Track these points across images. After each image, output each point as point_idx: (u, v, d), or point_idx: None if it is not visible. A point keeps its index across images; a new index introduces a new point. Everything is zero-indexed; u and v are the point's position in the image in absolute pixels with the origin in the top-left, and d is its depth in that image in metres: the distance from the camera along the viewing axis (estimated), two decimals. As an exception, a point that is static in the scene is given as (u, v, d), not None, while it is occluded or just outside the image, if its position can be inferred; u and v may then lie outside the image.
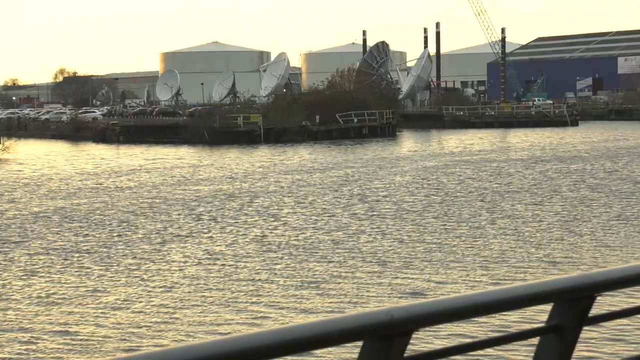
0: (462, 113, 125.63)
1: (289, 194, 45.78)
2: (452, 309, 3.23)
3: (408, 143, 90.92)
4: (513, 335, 3.67)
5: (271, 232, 33.44)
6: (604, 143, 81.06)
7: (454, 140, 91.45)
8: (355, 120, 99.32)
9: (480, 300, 3.31)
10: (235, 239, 32.19)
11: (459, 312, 3.29)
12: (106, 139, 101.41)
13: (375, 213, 38.03)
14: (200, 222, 36.54)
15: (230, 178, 55.20)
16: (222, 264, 27.37)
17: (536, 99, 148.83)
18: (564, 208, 38.04)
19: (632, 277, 3.82)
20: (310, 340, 2.87)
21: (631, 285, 3.87)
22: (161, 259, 28.59)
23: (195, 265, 27.41)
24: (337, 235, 32.23)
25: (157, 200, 44.13)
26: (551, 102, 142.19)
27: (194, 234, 33.39)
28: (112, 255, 29.36)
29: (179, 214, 38.92)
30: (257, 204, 42.10)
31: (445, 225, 34.12)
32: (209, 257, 28.71)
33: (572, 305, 3.55)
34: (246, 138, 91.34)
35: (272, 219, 36.89)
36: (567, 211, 37.04)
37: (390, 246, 29.70)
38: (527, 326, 5.15)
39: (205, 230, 34.23)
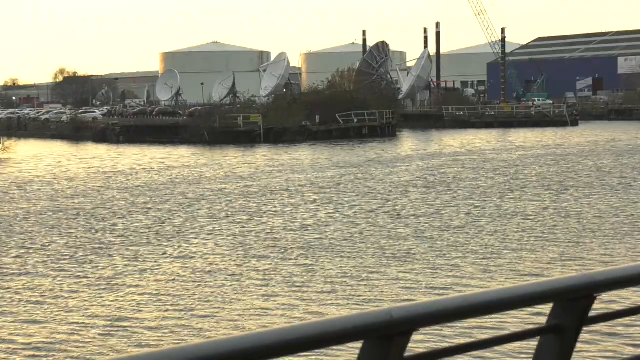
0: (462, 113, 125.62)
1: (289, 194, 45.78)
2: (452, 309, 3.23)
3: (408, 143, 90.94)
4: (513, 335, 3.67)
5: (271, 232, 33.44)
6: (610, 142, 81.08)
7: (454, 140, 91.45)
8: (355, 120, 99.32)
9: (480, 300, 3.31)
10: (235, 238, 32.18)
11: (459, 312, 3.29)
12: (106, 139, 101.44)
13: (375, 212, 38.03)
14: (199, 221, 36.52)
15: (230, 177, 55.20)
16: (221, 263, 27.37)
17: (536, 99, 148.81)
18: (565, 206, 38.04)
19: (632, 277, 3.82)
20: (310, 340, 2.87)
21: (631, 285, 3.87)
22: (159, 258, 28.58)
23: (193, 264, 27.40)
24: (337, 235, 32.22)
25: (157, 199, 44.14)
26: (551, 102, 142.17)
27: (193, 233, 33.38)
28: (113, 254, 29.37)
29: (178, 213, 38.92)
30: (257, 203, 42.10)
31: (444, 224, 34.11)
32: (208, 256, 28.70)
33: (572, 305, 3.54)
34: (246, 138, 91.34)
35: (272, 219, 36.89)
36: (568, 210, 37.04)
37: (390, 246, 29.69)
38: (527, 326, 5.16)
39: (204, 230, 34.22)
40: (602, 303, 3.80)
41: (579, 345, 3.65)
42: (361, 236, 31.97)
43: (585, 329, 3.63)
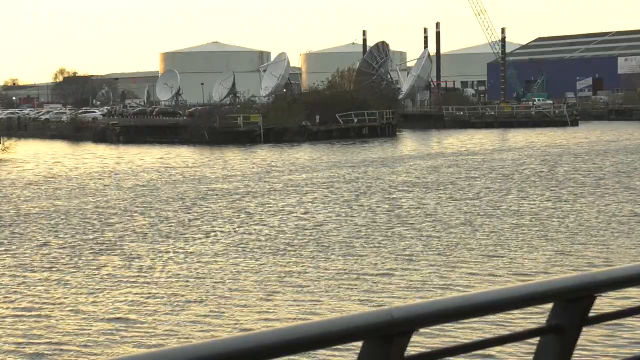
0: (462, 113, 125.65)
1: (288, 193, 45.79)
2: (452, 309, 3.23)
3: (408, 143, 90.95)
4: (513, 335, 3.67)
5: (271, 232, 33.44)
6: (611, 142, 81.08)
7: (454, 140, 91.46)
8: (355, 120, 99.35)
9: (480, 300, 3.31)
10: (235, 238, 32.18)
11: (459, 312, 3.29)
12: (106, 139, 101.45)
13: (374, 212, 38.03)
14: (198, 221, 36.53)
15: (230, 177, 55.21)
16: (221, 263, 27.37)
17: (536, 99, 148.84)
18: (565, 206, 38.04)
19: (632, 277, 3.81)
20: (310, 340, 2.87)
21: (631, 285, 3.87)
22: (159, 258, 28.58)
23: (193, 264, 27.40)
24: (336, 235, 32.22)
25: (157, 199, 44.15)
26: (551, 102, 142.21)
27: (193, 233, 33.38)
28: (113, 254, 29.37)
29: (178, 213, 38.91)
30: (257, 203, 42.10)
31: (444, 223, 34.11)
32: (208, 256, 28.70)
33: (572, 306, 3.54)
34: (246, 138, 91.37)
35: (272, 218, 36.89)
36: (568, 209, 37.04)
37: (390, 245, 29.69)
38: (527, 326, 5.16)
39: (203, 230, 34.22)
40: (602, 303, 3.78)
41: (579, 345, 3.65)
42: (361, 236, 31.96)
43: (585, 329, 3.63)
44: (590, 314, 3.63)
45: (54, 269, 27.23)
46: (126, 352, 6.91)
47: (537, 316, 16.64)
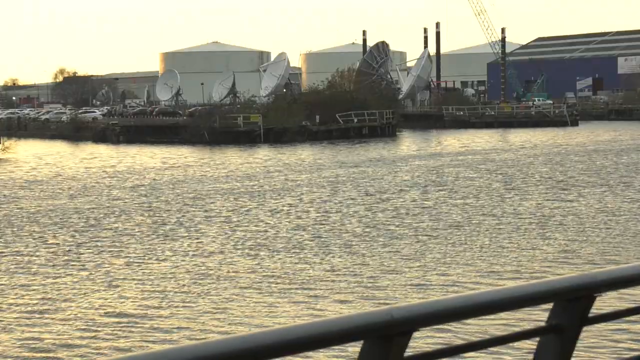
0: (462, 113, 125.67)
1: (288, 193, 45.79)
2: (452, 309, 3.24)
3: (408, 143, 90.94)
4: (513, 335, 3.67)
5: (271, 231, 33.44)
6: (611, 142, 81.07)
7: (454, 140, 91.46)
8: (355, 120, 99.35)
9: (480, 300, 3.31)
10: (234, 238, 32.18)
11: (459, 312, 3.29)
12: (106, 139, 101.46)
13: (374, 212, 38.02)
14: (198, 221, 36.52)
15: (230, 177, 55.20)
16: (221, 263, 27.36)
17: (536, 99, 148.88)
18: (566, 206, 38.05)
19: (632, 277, 3.82)
20: (310, 340, 2.87)
21: (631, 285, 3.87)
22: (158, 258, 28.58)
23: (193, 264, 27.40)
24: (336, 235, 32.21)
25: (157, 199, 44.15)
26: (551, 102, 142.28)
27: (192, 233, 33.38)
28: (113, 254, 29.37)
29: (178, 213, 38.91)
30: (256, 203, 42.10)
31: (444, 223, 34.11)
32: (208, 256, 28.69)
33: (572, 305, 3.54)
34: (246, 138, 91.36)
35: (271, 218, 36.89)
36: (568, 209, 37.04)
37: (389, 245, 29.69)
38: (527, 326, 5.16)
39: (203, 230, 34.22)
40: (602, 303, 3.78)
41: (579, 345, 3.65)
42: (361, 235, 31.96)
43: (585, 329, 3.63)
44: (590, 314, 3.63)
45: (53, 268, 27.21)
46: (126, 352, 6.91)
47: (537, 316, 16.63)
